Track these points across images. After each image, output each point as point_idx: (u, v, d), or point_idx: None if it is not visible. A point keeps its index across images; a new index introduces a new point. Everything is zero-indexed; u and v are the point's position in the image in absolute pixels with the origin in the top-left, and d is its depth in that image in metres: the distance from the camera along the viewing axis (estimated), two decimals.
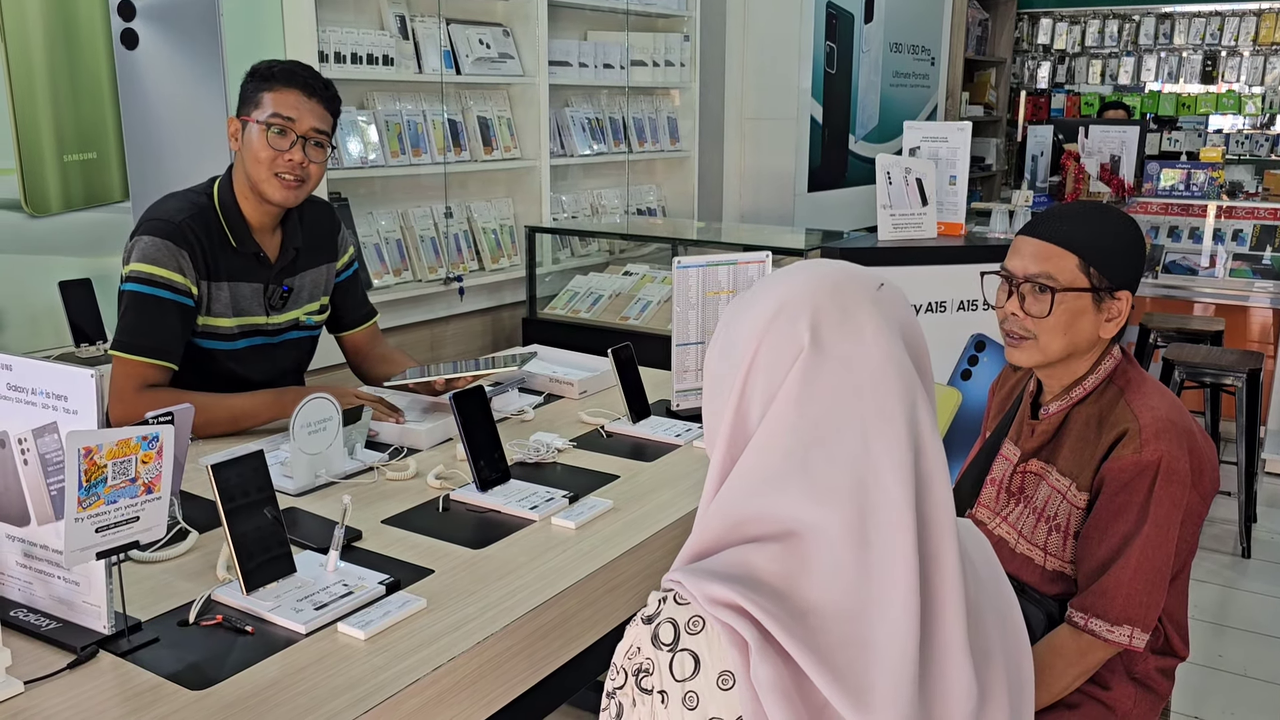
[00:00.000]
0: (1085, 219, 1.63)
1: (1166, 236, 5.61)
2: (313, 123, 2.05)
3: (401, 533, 1.62)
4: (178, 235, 2.01)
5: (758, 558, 0.94)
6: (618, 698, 0.98)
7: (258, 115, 2.04)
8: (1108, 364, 1.66)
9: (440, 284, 3.80)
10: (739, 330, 1.00)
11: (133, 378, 1.99)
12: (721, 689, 0.92)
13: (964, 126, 3.59)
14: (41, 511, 1.28)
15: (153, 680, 1.20)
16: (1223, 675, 3.03)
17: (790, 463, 0.94)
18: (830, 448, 0.93)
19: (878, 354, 0.95)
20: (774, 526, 0.94)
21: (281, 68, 2.07)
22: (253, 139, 2.04)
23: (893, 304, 1.00)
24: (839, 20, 5.52)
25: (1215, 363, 3.92)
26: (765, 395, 0.96)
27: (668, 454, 2.00)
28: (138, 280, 2.00)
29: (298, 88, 2.05)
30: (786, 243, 3.90)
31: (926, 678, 0.92)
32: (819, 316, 0.96)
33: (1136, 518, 1.53)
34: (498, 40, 3.98)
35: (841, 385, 0.95)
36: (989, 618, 1.01)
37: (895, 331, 0.97)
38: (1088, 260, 1.60)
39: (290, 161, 2.03)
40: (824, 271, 1.01)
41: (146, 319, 2.00)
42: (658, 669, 0.94)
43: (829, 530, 0.92)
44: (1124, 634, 1.52)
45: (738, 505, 0.96)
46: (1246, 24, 7.47)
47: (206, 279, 2.06)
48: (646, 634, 0.95)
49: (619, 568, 1.56)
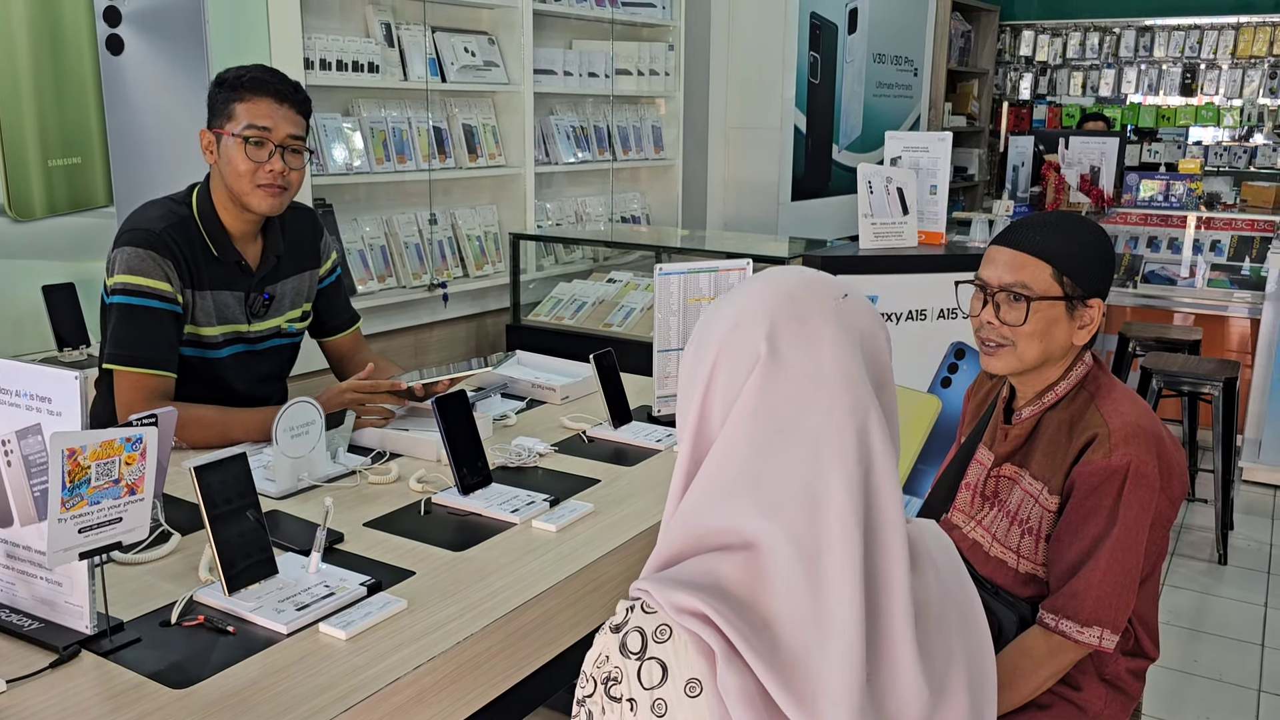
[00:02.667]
0: (1057, 229, 1.66)
1: (1146, 247, 5.67)
2: (288, 130, 2.05)
3: (383, 535, 1.63)
4: (160, 244, 2.01)
5: (723, 566, 0.95)
6: (587, 705, 0.99)
7: (232, 128, 2.02)
8: (1079, 370, 1.69)
9: (424, 290, 3.82)
10: (705, 336, 1.02)
11: (140, 390, 1.98)
12: (689, 696, 0.93)
13: (944, 137, 3.62)
14: (25, 512, 1.29)
15: (135, 679, 1.21)
16: (1198, 680, 3.06)
17: (745, 474, 0.95)
18: (783, 460, 0.95)
19: (832, 366, 0.96)
20: (733, 538, 0.95)
21: (250, 76, 2.05)
22: (230, 152, 2.03)
23: (855, 314, 1.00)
24: (823, 31, 5.56)
25: (1193, 372, 3.97)
26: (725, 403, 0.98)
27: (648, 459, 2.02)
28: (125, 292, 1.99)
29: (269, 96, 2.04)
30: (769, 251, 3.92)
31: (877, 682, 0.94)
32: (777, 326, 0.97)
33: (1106, 521, 1.56)
34: (483, 48, 4.00)
35: (795, 396, 0.96)
36: (951, 618, 1.03)
37: (854, 342, 0.98)
38: (1061, 269, 1.63)
39: (271, 171, 2.03)
40: (787, 281, 1.02)
41: (139, 330, 1.99)
42: (626, 677, 0.95)
43: (780, 543, 0.93)
44: (1094, 635, 1.55)
45: (699, 517, 0.97)
46: (1225, 37, 7.55)
47: (190, 287, 2.06)
48: (615, 642, 0.97)
49: (599, 570, 1.57)
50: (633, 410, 2.21)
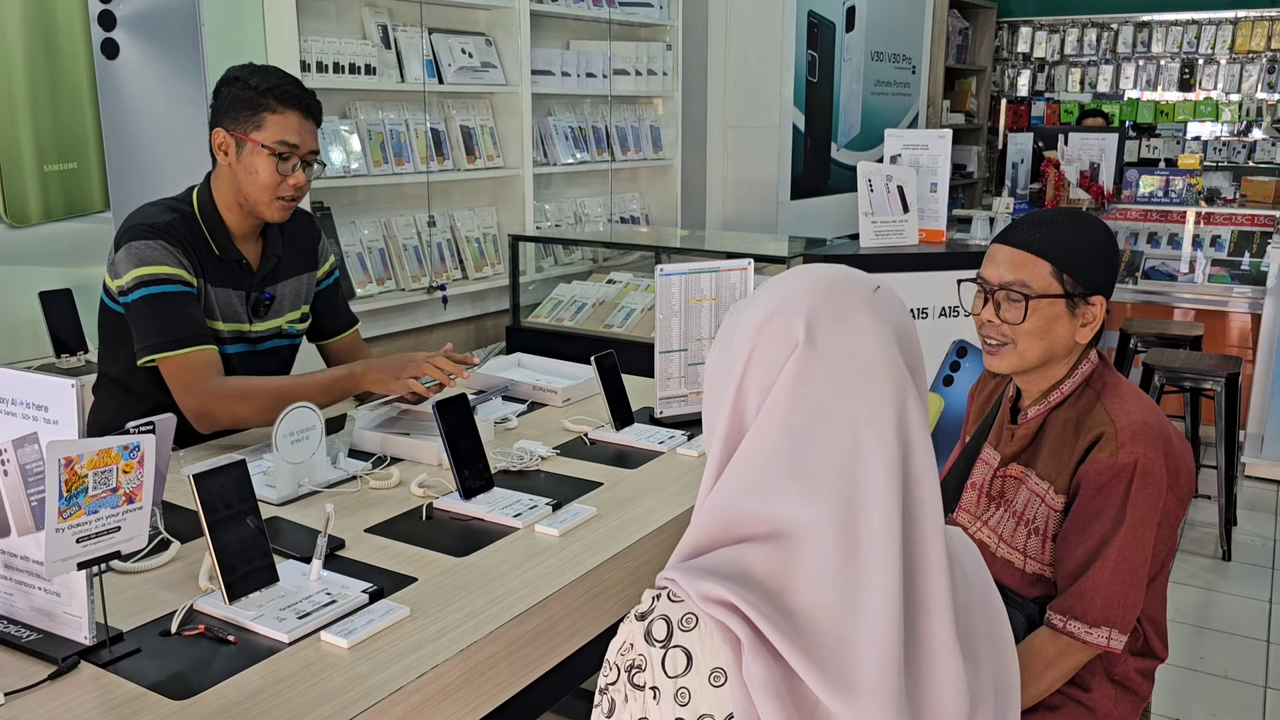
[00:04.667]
0: (1058, 226, 1.64)
1: (1146, 243, 5.66)
2: (311, 145, 2.06)
3: (385, 541, 1.62)
4: (169, 234, 1.99)
5: (751, 556, 0.95)
6: (610, 694, 0.99)
7: (261, 138, 1.99)
8: (1085, 368, 1.68)
9: (424, 293, 3.81)
10: (737, 330, 1.02)
11: (190, 369, 1.95)
12: (713, 686, 0.93)
13: (944, 134, 3.61)
14: (22, 522, 1.28)
15: (135, 691, 1.20)
16: (1204, 677, 3.05)
17: (781, 460, 0.95)
18: (821, 445, 0.95)
19: (871, 352, 0.97)
20: (766, 526, 0.95)
21: (280, 88, 2.01)
22: (255, 162, 2.00)
23: (888, 306, 1.01)
24: (820, 29, 5.55)
25: (1194, 367, 3.96)
26: (760, 392, 0.98)
27: (651, 461, 2.01)
28: (144, 284, 1.95)
29: (299, 110, 2.02)
30: (769, 250, 3.91)
31: (915, 672, 0.93)
32: (814, 315, 0.98)
33: (1113, 520, 1.54)
34: (480, 49, 3.99)
35: (834, 382, 0.96)
36: (978, 623, 1.02)
37: (890, 332, 0.99)
38: (1060, 267, 1.61)
39: (295, 186, 2.04)
40: (821, 274, 1.03)
41: (170, 315, 1.96)
42: (650, 665, 0.95)
43: (818, 529, 0.93)
44: (1102, 635, 1.53)
45: (731, 504, 0.97)
46: (1223, 32, 7.55)
47: (201, 278, 2.05)
48: (640, 630, 0.96)
49: (602, 574, 1.56)
50: (634, 412, 2.20)
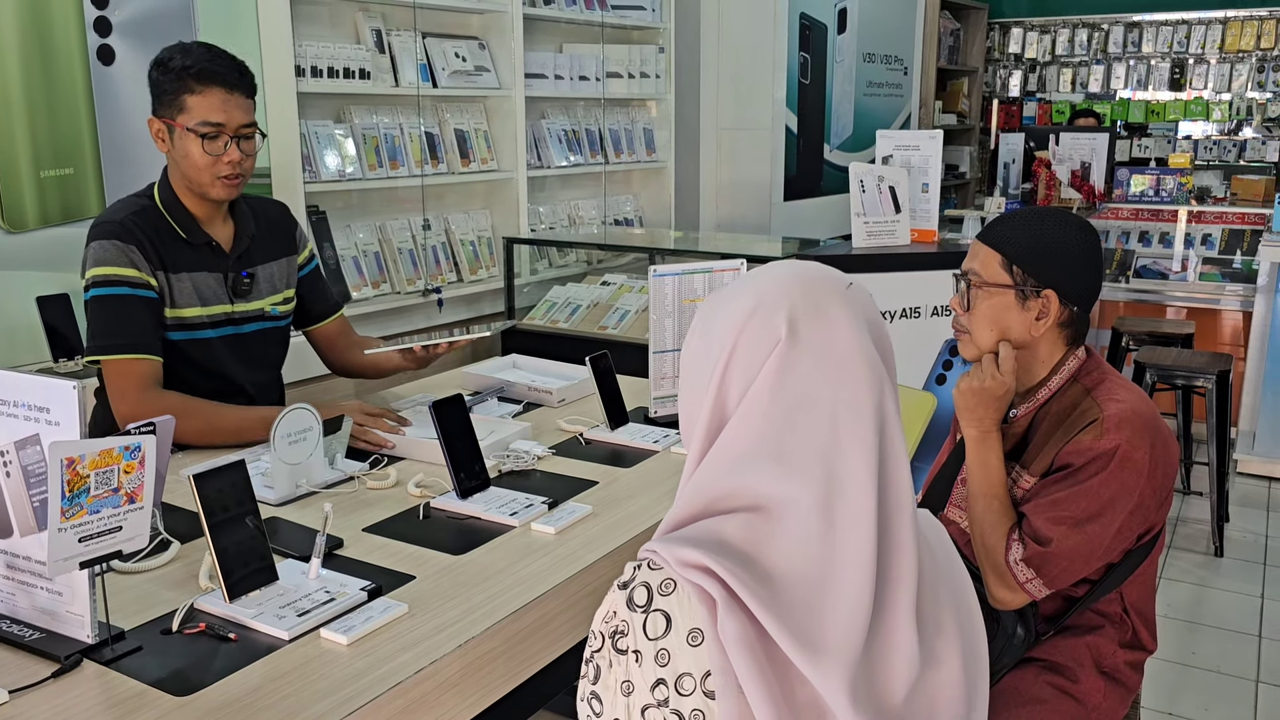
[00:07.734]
0: (1023, 223, 1.71)
1: (1137, 241, 5.69)
2: (241, 120, 2.04)
3: (382, 540, 1.64)
4: (122, 232, 2.02)
5: (729, 525, 0.99)
6: (595, 661, 1.02)
7: (184, 121, 2.01)
8: (1071, 364, 1.70)
9: (419, 296, 3.82)
10: (717, 324, 1.05)
11: (127, 376, 1.99)
12: (691, 645, 0.96)
13: (935, 135, 3.63)
14: (24, 523, 1.29)
15: (137, 688, 1.22)
16: (1196, 672, 3.07)
17: (764, 444, 0.99)
18: (801, 431, 0.99)
19: (849, 344, 1.01)
20: (745, 500, 0.99)
21: (197, 67, 2.00)
22: (185, 146, 2.02)
23: (861, 301, 1.06)
24: (812, 31, 5.57)
25: (1186, 365, 3.99)
26: (742, 383, 1.01)
27: (645, 460, 2.03)
28: (96, 284, 2.01)
29: (219, 85, 2.01)
30: (763, 251, 3.93)
31: (873, 637, 0.98)
32: (795, 311, 1.01)
33: (1087, 498, 1.57)
34: (474, 53, 4.01)
35: (814, 373, 1.00)
36: (944, 595, 1.06)
37: (864, 326, 1.03)
38: (1010, 258, 1.68)
39: (230, 163, 2.04)
40: (797, 270, 1.07)
41: (113, 317, 2.01)
42: (632, 630, 0.99)
43: (797, 505, 0.97)
44: (1028, 576, 1.59)
45: (714, 482, 1.01)
46: (1213, 32, 7.58)
47: (163, 269, 2.06)
48: (622, 598, 1.00)
49: (598, 571, 1.58)
50: (629, 412, 2.22)
